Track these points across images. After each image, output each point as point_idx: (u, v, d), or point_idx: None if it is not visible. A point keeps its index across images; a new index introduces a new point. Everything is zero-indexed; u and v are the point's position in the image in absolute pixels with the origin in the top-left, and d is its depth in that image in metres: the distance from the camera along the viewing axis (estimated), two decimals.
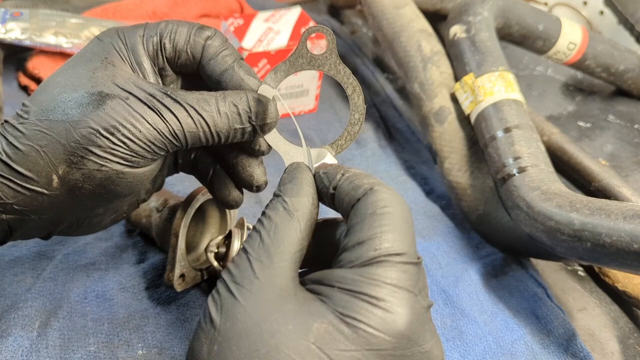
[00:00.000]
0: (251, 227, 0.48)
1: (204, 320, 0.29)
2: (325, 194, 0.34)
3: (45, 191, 0.33)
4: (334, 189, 0.33)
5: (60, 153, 0.33)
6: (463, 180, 0.58)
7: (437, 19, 0.75)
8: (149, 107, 0.33)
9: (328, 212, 0.35)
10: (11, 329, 0.43)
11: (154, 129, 0.33)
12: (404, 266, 0.29)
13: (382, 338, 0.27)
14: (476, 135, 0.58)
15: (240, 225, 0.47)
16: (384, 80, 0.77)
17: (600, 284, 0.56)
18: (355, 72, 0.79)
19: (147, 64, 0.36)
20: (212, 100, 0.35)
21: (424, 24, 0.65)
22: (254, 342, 0.28)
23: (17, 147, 0.33)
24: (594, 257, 0.44)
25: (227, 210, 0.50)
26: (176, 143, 0.34)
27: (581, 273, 0.57)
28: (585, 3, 0.86)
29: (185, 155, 0.42)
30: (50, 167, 0.33)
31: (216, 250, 0.46)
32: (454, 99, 0.60)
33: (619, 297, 0.55)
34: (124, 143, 0.33)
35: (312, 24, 0.67)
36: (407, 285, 0.29)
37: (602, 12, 0.84)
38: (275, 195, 0.33)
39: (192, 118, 0.34)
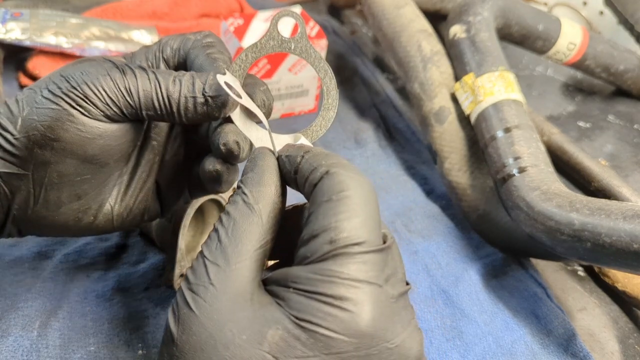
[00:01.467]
0: None
1: (165, 333, 0.28)
2: (290, 178, 0.31)
3: (11, 138, 0.34)
4: (295, 172, 0.31)
5: (32, 100, 0.34)
6: (463, 180, 0.58)
7: (437, 19, 0.75)
8: (117, 67, 0.35)
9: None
10: (11, 329, 0.43)
11: (111, 80, 0.34)
12: (364, 256, 0.27)
13: (342, 340, 0.26)
14: (476, 135, 0.58)
15: None
16: (384, 80, 0.77)
17: (600, 284, 0.56)
18: (355, 72, 0.79)
19: (144, 62, 0.38)
20: (175, 73, 0.35)
21: (424, 24, 0.65)
22: (209, 356, 0.26)
23: (7, 105, 0.35)
24: (594, 257, 0.44)
25: None
26: (129, 99, 0.34)
27: (581, 273, 0.57)
28: (585, 3, 0.86)
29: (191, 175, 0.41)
30: (19, 112, 0.34)
31: None
32: (454, 99, 0.60)
33: (619, 297, 0.55)
34: (79, 86, 0.34)
35: (312, 23, 0.67)
36: (369, 277, 0.26)
37: (602, 12, 0.84)
38: (237, 187, 0.31)
39: (149, 80, 0.34)
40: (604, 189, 0.59)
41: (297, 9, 0.69)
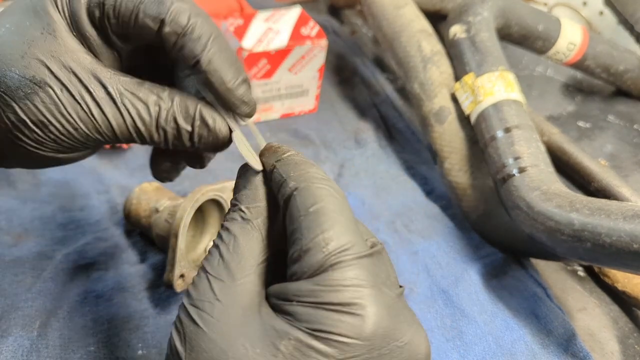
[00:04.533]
0: None
1: (170, 352, 0.28)
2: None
3: None
4: (270, 181, 0.31)
5: None
6: (463, 180, 0.58)
7: (437, 19, 0.74)
8: (80, 106, 0.30)
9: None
10: (11, 329, 0.43)
11: (85, 130, 0.31)
12: (359, 261, 0.27)
13: (356, 344, 0.26)
14: (476, 135, 0.58)
15: None
16: (384, 80, 0.77)
17: (600, 284, 0.56)
18: (355, 72, 0.79)
19: (93, 36, 0.31)
20: (154, 107, 0.31)
21: (424, 24, 0.65)
22: None
23: None
24: (594, 257, 0.44)
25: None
26: (105, 139, 0.31)
27: (581, 273, 0.57)
28: (585, 3, 0.86)
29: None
30: None
31: None
32: (454, 99, 0.60)
33: (619, 297, 0.55)
34: (51, 138, 0.31)
35: (312, 22, 0.67)
36: (368, 281, 0.27)
37: (601, 13, 0.84)
38: (232, 204, 0.31)
39: (125, 123, 0.31)
40: (604, 189, 0.59)
41: (297, 9, 0.69)
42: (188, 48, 0.31)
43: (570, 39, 0.68)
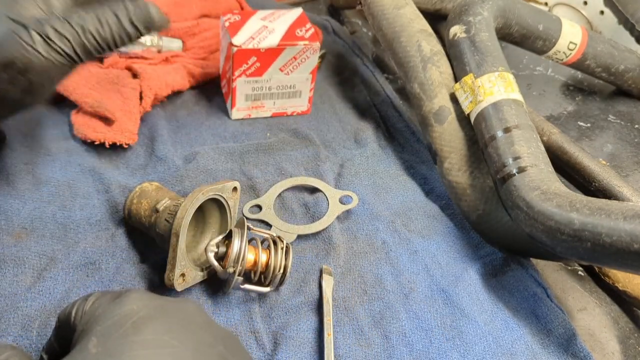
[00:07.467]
0: (251, 226, 0.48)
1: None
2: None
3: None
4: None
5: None
6: (463, 180, 0.58)
7: (437, 19, 0.74)
8: (40, 35, 0.37)
9: None
10: (11, 329, 0.43)
11: (45, 58, 0.37)
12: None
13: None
14: (476, 135, 0.58)
15: (241, 225, 0.47)
16: (384, 80, 0.77)
17: (600, 284, 0.56)
18: (355, 72, 0.79)
19: None
20: (94, 16, 0.39)
21: (424, 24, 0.65)
22: None
23: None
24: (594, 257, 0.44)
25: (227, 210, 0.50)
26: (70, 62, 0.39)
27: (581, 273, 0.57)
28: (585, 3, 0.86)
29: None
30: None
31: (216, 250, 0.46)
32: (454, 99, 0.60)
33: (619, 297, 0.55)
34: (21, 74, 0.37)
35: (309, 25, 0.67)
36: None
37: (602, 12, 0.84)
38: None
39: (80, 38, 0.38)
40: (604, 189, 0.59)
41: (298, 11, 0.69)
42: None
43: (571, 39, 0.68)
